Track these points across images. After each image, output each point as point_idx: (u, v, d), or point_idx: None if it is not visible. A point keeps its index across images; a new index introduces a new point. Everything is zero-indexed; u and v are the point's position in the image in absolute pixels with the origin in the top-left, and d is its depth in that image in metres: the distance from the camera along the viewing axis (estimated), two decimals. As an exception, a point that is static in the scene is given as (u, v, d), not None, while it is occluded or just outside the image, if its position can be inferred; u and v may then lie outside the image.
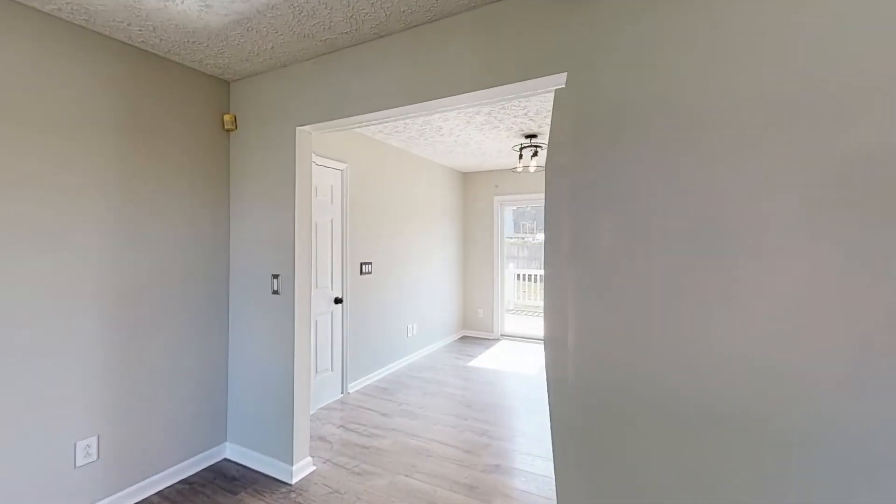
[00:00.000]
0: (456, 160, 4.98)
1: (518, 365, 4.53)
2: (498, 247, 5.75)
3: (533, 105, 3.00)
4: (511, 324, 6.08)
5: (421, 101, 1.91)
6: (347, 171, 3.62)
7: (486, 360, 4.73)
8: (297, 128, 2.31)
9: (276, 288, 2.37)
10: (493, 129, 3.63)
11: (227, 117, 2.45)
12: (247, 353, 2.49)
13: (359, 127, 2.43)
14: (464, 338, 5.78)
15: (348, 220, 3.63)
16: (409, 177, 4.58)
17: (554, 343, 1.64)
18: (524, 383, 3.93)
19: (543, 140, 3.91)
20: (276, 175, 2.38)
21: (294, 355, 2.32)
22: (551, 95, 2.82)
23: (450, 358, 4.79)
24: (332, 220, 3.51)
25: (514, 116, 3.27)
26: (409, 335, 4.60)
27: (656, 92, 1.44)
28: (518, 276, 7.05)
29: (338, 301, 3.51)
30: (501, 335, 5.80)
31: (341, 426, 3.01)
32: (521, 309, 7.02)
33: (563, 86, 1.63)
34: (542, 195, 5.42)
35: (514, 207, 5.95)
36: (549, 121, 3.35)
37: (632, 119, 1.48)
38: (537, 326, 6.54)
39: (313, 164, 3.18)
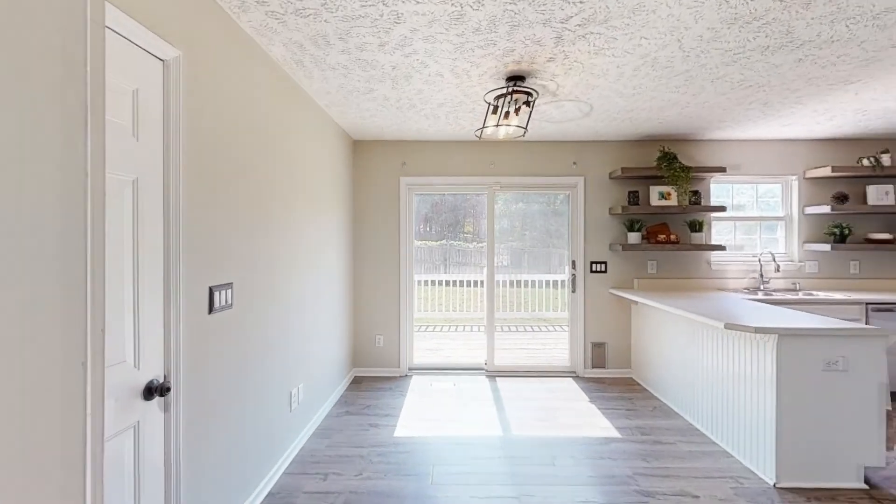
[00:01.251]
0: (358, 113, 3.14)
1: (468, 422, 3.02)
2: (407, 248, 4.12)
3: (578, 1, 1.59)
4: (420, 350, 4.55)
5: None
6: (179, 67, 1.49)
7: (413, 420, 3.08)
8: None
9: None
10: (481, 48, 2.05)
11: None
12: None
13: None
14: (358, 381, 3.95)
15: (181, 184, 1.51)
16: (290, 124, 2.56)
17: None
18: (505, 458, 2.47)
19: (537, 82, 2.54)
20: None
21: None
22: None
23: (357, 427, 2.96)
24: (135, 181, 1.35)
25: (533, 24, 1.79)
26: (295, 405, 2.60)
27: None
28: (425, 282, 5.49)
29: (153, 392, 1.38)
30: (410, 369, 4.19)
31: None
32: (426, 322, 5.47)
33: None
34: (475, 177, 4.05)
35: (431, 195, 4.43)
36: (577, 48, 2.00)
37: None
38: (455, 347, 5.08)
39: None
